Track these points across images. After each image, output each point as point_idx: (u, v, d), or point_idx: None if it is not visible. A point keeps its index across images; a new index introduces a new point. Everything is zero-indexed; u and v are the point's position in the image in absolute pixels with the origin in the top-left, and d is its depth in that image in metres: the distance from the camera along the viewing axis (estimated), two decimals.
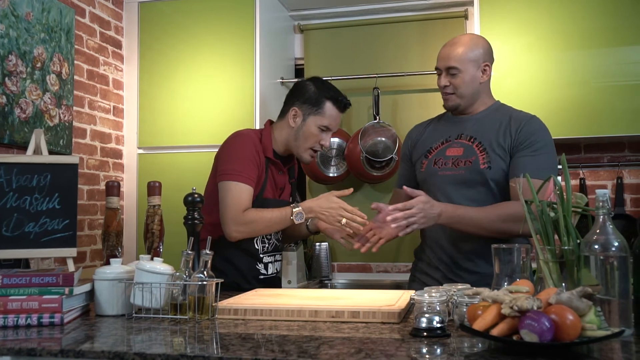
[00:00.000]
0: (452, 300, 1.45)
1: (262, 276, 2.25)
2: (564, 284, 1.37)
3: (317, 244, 3.34)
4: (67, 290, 1.58)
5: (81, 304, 1.67)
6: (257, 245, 2.22)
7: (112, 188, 1.92)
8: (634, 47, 2.80)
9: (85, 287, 1.67)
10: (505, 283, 1.42)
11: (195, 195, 1.80)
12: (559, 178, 1.53)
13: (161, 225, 1.95)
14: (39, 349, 1.29)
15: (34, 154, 1.74)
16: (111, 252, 1.88)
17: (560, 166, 1.61)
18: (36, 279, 1.58)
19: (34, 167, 1.68)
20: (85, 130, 2.95)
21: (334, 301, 1.67)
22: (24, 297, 1.55)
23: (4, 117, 2.41)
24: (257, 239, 2.22)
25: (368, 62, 3.42)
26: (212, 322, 1.55)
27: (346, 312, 1.53)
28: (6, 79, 2.42)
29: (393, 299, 1.69)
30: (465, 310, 1.34)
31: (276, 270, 2.36)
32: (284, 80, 3.39)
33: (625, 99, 2.79)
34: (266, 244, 2.26)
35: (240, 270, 2.19)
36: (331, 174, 3.40)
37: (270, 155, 2.22)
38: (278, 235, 2.33)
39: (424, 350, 1.25)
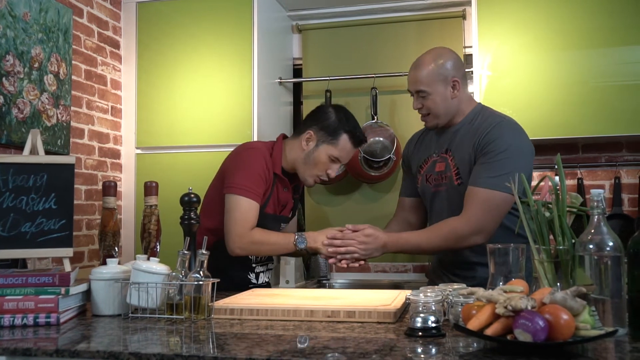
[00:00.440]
0: (448, 300, 1.46)
1: (252, 285, 2.25)
2: (558, 284, 1.38)
3: None
4: (63, 290, 1.58)
5: (77, 304, 1.67)
6: (251, 255, 2.22)
7: (109, 188, 1.93)
8: (632, 47, 2.80)
9: (82, 287, 1.68)
10: (500, 283, 1.43)
11: (192, 195, 1.80)
12: (556, 178, 1.54)
13: (158, 225, 1.95)
14: (34, 349, 1.30)
15: (30, 154, 1.74)
16: (108, 252, 1.89)
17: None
18: (32, 279, 1.58)
19: (31, 167, 1.68)
20: (83, 130, 2.95)
21: (330, 301, 1.67)
22: (20, 297, 1.56)
23: (1, 117, 2.41)
24: None
25: (366, 62, 3.41)
26: (208, 322, 1.55)
27: (342, 312, 1.54)
28: (3, 79, 2.42)
29: (389, 298, 1.69)
30: (460, 310, 1.35)
31: (267, 279, 2.37)
32: (282, 81, 3.39)
33: (623, 99, 2.79)
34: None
35: (231, 278, 2.12)
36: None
37: (279, 171, 2.21)
38: None
39: (419, 349, 1.25)
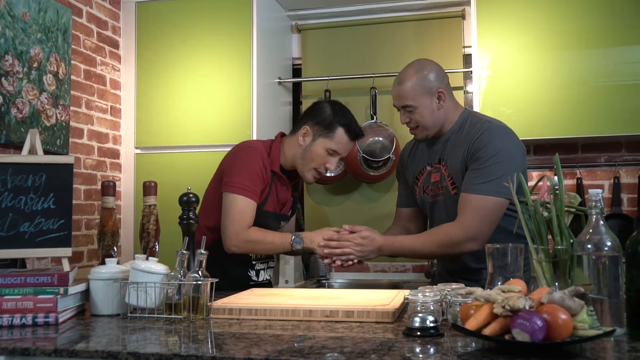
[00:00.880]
0: (446, 299, 1.46)
1: (253, 283, 2.25)
2: (557, 284, 1.38)
3: None
4: (62, 290, 1.58)
5: (76, 304, 1.67)
6: (247, 253, 2.21)
7: (108, 188, 1.92)
8: (631, 47, 2.81)
9: (80, 287, 1.68)
10: (499, 283, 1.43)
11: (191, 195, 1.80)
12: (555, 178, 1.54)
13: (157, 225, 1.95)
14: (32, 349, 1.30)
15: (29, 154, 1.74)
16: (107, 252, 1.89)
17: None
18: (31, 279, 1.58)
19: (29, 167, 1.68)
20: (82, 130, 2.95)
21: (328, 301, 1.67)
22: (19, 297, 1.56)
23: (1, 117, 2.41)
24: None
25: (365, 62, 3.41)
26: (207, 322, 1.55)
27: (340, 312, 1.54)
28: (2, 79, 2.42)
29: (387, 298, 1.69)
30: (458, 309, 1.35)
31: (269, 277, 2.36)
32: (281, 80, 3.39)
33: (622, 99, 2.79)
34: None
35: (231, 276, 2.14)
36: (328, 174, 3.38)
37: (277, 169, 2.21)
38: None
39: (417, 349, 1.25)
